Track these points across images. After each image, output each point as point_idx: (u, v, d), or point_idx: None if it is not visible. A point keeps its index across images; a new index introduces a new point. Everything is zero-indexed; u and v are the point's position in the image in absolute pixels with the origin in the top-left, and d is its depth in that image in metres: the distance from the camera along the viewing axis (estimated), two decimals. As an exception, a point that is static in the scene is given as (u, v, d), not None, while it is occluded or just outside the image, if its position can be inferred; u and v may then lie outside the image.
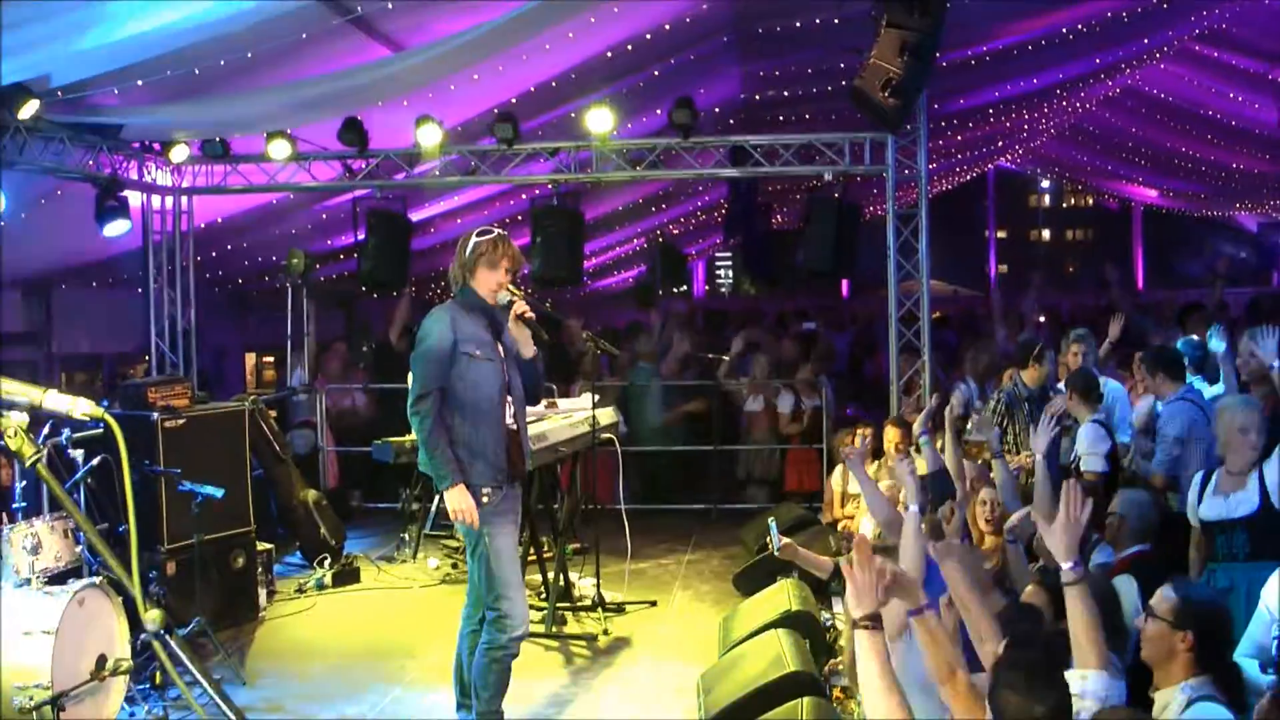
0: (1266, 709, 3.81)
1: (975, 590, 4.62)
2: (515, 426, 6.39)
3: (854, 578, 3.90)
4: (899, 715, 3.73)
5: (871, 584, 3.87)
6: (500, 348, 6.28)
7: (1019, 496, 6.94)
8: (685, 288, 31.94)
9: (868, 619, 3.81)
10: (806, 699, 5.70)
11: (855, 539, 4.12)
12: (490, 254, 6.23)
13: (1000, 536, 6.25)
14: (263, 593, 9.35)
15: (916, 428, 7.10)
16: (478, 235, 6.25)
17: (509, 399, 6.30)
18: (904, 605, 4.27)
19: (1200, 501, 6.42)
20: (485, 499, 6.12)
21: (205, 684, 3.00)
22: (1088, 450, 7.95)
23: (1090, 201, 43.74)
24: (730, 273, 40.03)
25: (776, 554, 7.67)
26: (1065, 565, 4.20)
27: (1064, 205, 47.11)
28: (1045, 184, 41.06)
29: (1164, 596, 4.32)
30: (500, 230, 6.38)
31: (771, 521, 7.90)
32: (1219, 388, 8.31)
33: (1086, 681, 4.01)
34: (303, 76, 9.64)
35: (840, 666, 6.86)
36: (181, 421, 8.59)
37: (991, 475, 7.15)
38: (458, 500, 6.04)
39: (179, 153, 11.47)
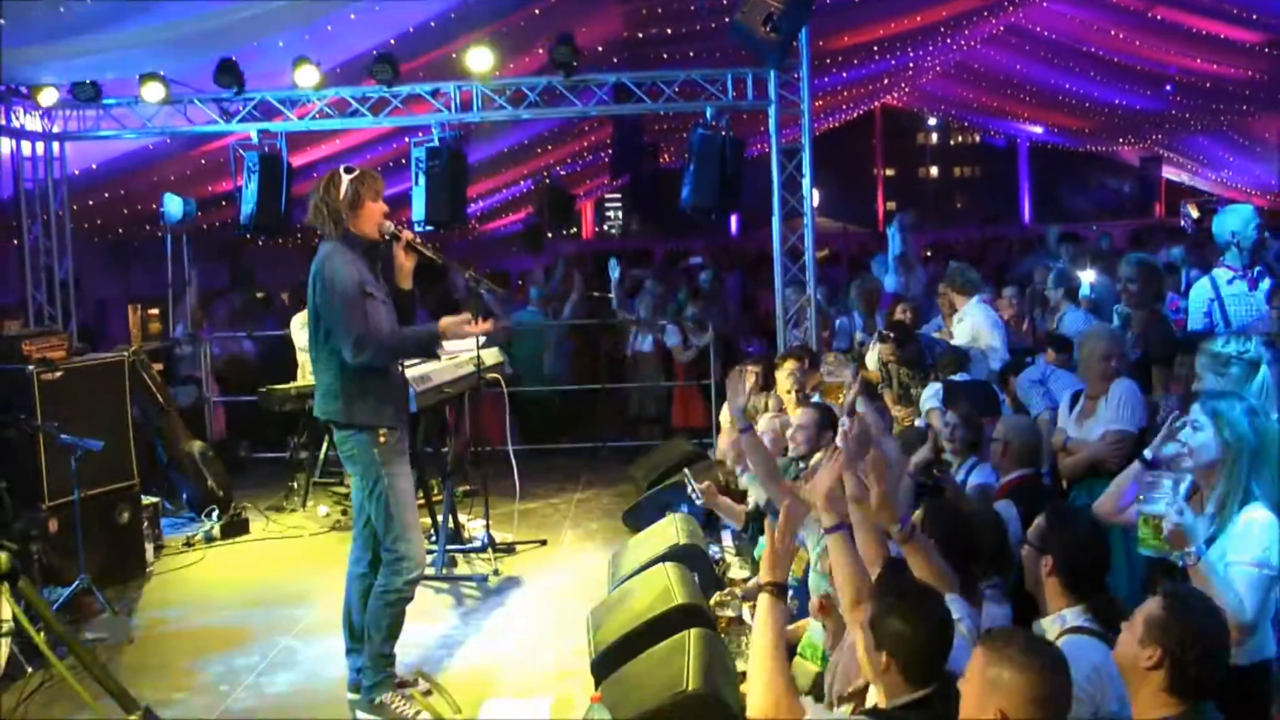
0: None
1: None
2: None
3: (776, 543, 3.93)
4: (780, 681, 3.78)
5: (791, 554, 3.91)
6: (383, 287, 6.22)
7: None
8: (574, 229, 31.83)
9: (775, 586, 3.85)
10: (694, 630, 5.72)
11: (786, 507, 4.11)
12: (373, 184, 6.14)
13: None
14: (150, 547, 9.18)
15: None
16: (346, 172, 6.13)
17: None
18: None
19: (1067, 423, 6.58)
20: (383, 438, 6.09)
21: (49, 622, 2.93)
22: (924, 406, 8.10)
23: (977, 139, 44.25)
24: (619, 213, 39.87)
25: (698, 504, 7.74)
26: (894, 529, 4.23)
27: (951, 142, 47.59)
28: (932, 122, 41.42)
29: (1036, 522, 4.36)
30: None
31: (687, 473, 7.93)
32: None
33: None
34: (175, 15, 9.39)
35: (729, 597, 6.91)
36: (58, 374, 8.35)
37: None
38: (457, 324, 6.15)
39: (48, 96, 11.17)
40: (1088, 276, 10.58)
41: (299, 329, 10.65)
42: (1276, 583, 4.09)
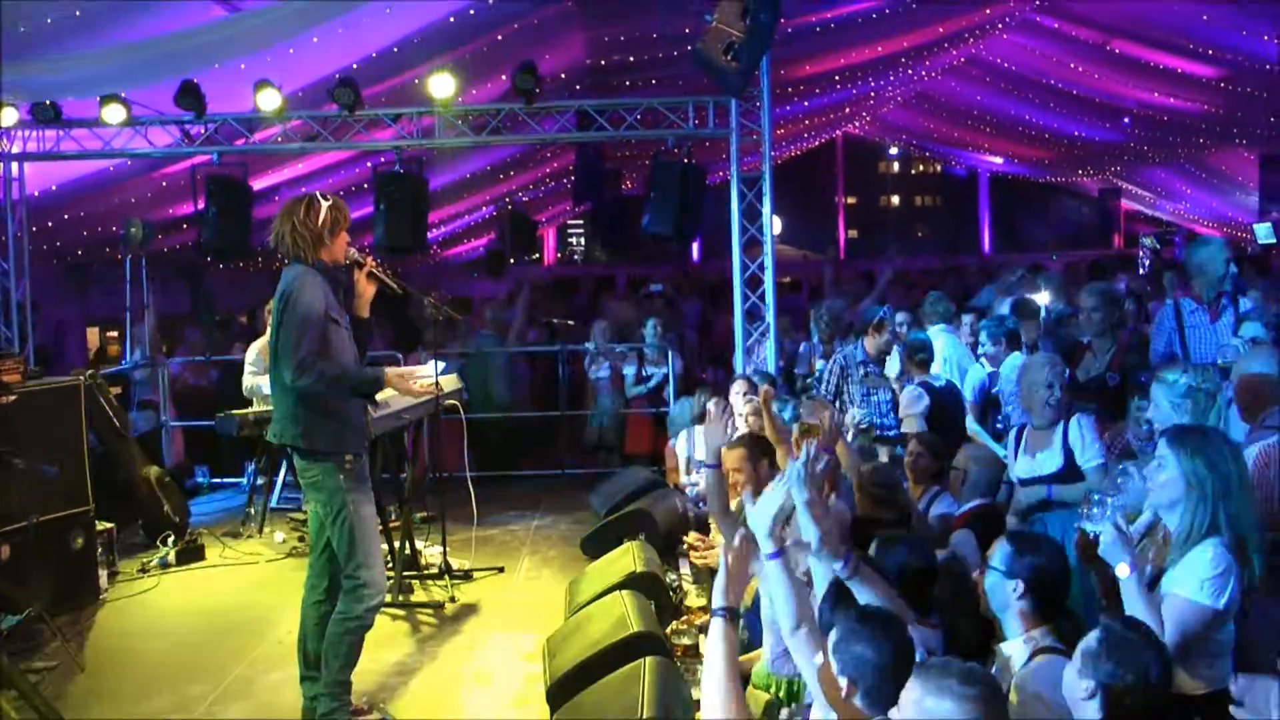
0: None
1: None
2: None
3: (730, 568, 3.91)
4: (734, 707, 3.77)
5: (744, 579, 3.90)
6: (345, 314, 6.23)
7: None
8: (536, 256, 31.81)
9: (728, 610, 3.84)
10: (649, 658, 5.71)
11: (743, 534, 4.08)
12: (343, 211, 6.20)
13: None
14: (104, 573, 9.06)
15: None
16: (323, 198, 6.15)
17: None
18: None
19: (1015, 459, 6.62)
20: (349, 465, 6.08)
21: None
22: (904, 413, 8.16)
23: (938, 168, 44.47)
24: (582, 240, 39.75)
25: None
26: (837, 566, 4.23)
27: (913, 172, 47.78)
28: (894, 151, 41.62)
29: (997, 547, 4.38)
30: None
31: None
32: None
33: None
34: (136, 37, 9.37)
35: (686, 625, 6.91)
36: (13, 398, 8.25)
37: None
38: (403, 380, 6.37)
39: (7, 116, 11.13)
40: (1042, 298, 10.73)
41: (254, 357, 10.58)
42: (1222, 617, 4.15)
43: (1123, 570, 4.11)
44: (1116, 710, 3.41)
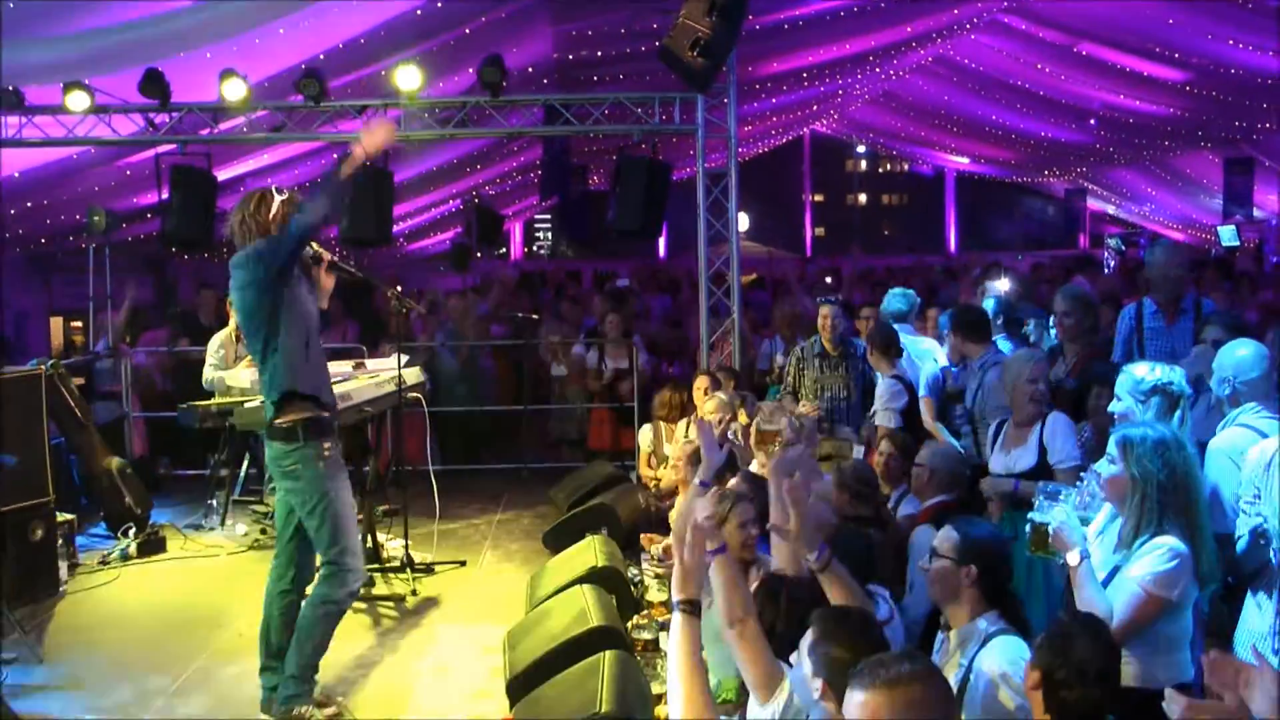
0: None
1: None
2: None
3: (684, 561, 3.90)
4: (699, 699, 3.77)
5: (701, 571, 3.89)
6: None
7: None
8: (503, 250, 31.74)
9: (689, 604, 3.83)
10: (609, 652, 5.73)
11: (692, 524, 4.06)
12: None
13: None
14: (64, 565, 9.00)
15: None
16: (278, 193, 6.13)
17: None
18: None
19: (993, 455, 6.64)
20: (327, 452, 6.13)
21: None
22: (883, 406, 8.17)
23: (905, 167, 44.68)
24: (549, 234, 39.68)
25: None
26: (810, 557, 4.24)
27: (880, 170, 48.00)
28: (861, 149, 41.77)
29: (945, 536, 4.41)
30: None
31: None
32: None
33: None
34: (100, 23, 9.30)
35: (646, 620, 6.92)
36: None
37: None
38: (372, 136, 6.21)
39: (-31, 103, 11.02)
40: (1001, 285, 10.80)
41: (215, 349, 10.49)
42: (1174, 609, 4.20)
43: (1073, 558, 4.20)
44: (1055, 702, 3.48)
